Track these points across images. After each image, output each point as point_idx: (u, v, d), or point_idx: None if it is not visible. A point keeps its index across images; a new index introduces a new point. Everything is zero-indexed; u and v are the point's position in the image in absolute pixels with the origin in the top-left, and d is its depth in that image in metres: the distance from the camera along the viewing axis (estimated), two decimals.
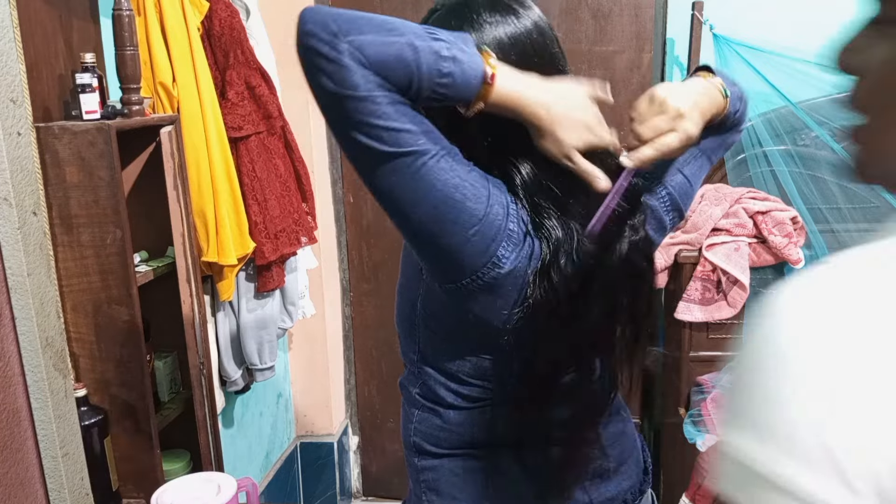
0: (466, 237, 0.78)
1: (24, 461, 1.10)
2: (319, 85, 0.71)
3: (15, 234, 1.04)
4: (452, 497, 0.95)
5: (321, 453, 2.70)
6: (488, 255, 0.79)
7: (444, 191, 0.75)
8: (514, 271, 0.81)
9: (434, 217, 0.76)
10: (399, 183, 0.75)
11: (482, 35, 0.82)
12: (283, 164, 1.92)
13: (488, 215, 0.78)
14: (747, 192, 2.30)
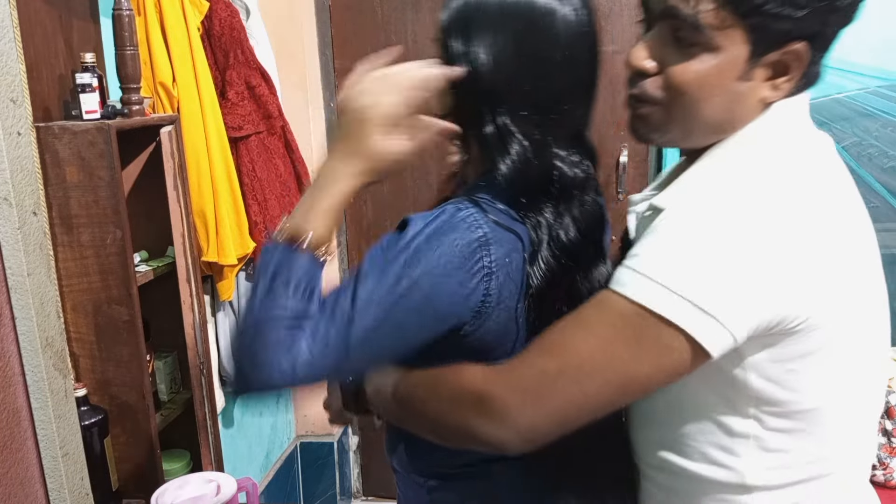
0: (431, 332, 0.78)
1: (24, 461, 1.10)
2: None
3: (15, 234, 1.04)
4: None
5: (321, 453, 2.70)
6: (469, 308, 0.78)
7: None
8: (501, 295, 0.80)
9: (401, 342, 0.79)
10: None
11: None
12: (283, 164, 1.92)
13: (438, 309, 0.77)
14: None
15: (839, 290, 0.71)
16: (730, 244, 0.68)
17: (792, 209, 0.69)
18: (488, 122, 0.81)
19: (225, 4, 1.74)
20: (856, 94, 2.29)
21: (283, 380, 0.73)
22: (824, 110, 2.30)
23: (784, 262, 0.68)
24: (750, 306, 0.68)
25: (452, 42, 0.80)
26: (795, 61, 0.74)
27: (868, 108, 2.27)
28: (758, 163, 0.74)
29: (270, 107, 1.85)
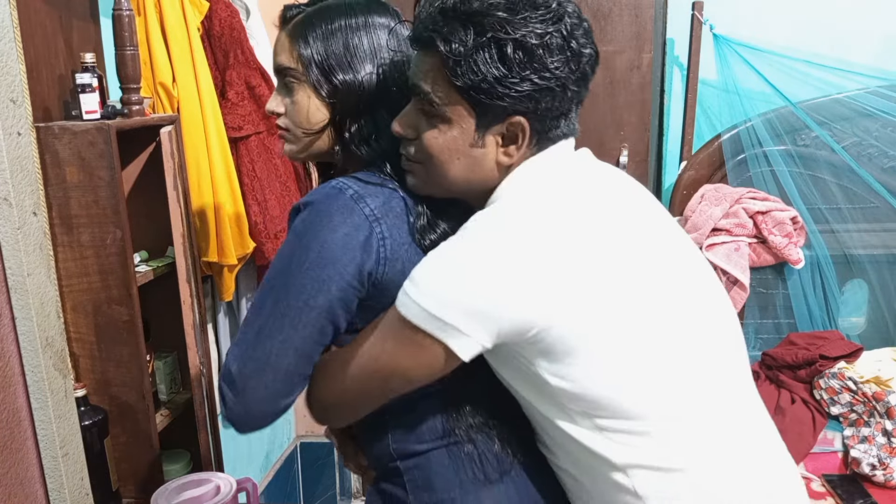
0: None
1: (24, 461, 1.10)
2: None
3: (15, 234, 1.04)
4: (446, 487, 0.97)
5: (321, 453, 2.70)
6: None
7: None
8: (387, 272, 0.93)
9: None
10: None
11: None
12: (283, 164, 1.92)
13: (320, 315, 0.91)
14: (747, 192, 2.30)
15: (580, 301, 0.83)
16: (472, 269, 0.83)
17: (524, 240, 0.84)
18: (352, 125, 0.98)
19: (225, 4, 1.74)
20: (856, 94, 2.29)
21: (232, 396, 0.91)
22: (824, 110, 2.30)
23: (516, 283, 0.82)
24: (488, 319, 0.82)
25: (329, 65, 0.97)
26: (520, 132, 0.87)
27: (868, 108, 2.27)
28: (505, 207, 0.89)
29: None
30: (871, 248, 2.34)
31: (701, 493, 0.88)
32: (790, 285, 2.35)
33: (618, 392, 0.85)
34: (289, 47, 0.99)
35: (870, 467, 1.87)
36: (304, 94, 0.98)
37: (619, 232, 0.88)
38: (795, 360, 2.12)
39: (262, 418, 0.91)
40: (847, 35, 2.33)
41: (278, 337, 0.89)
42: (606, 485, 0.89)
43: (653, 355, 0.86)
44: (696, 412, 0.88)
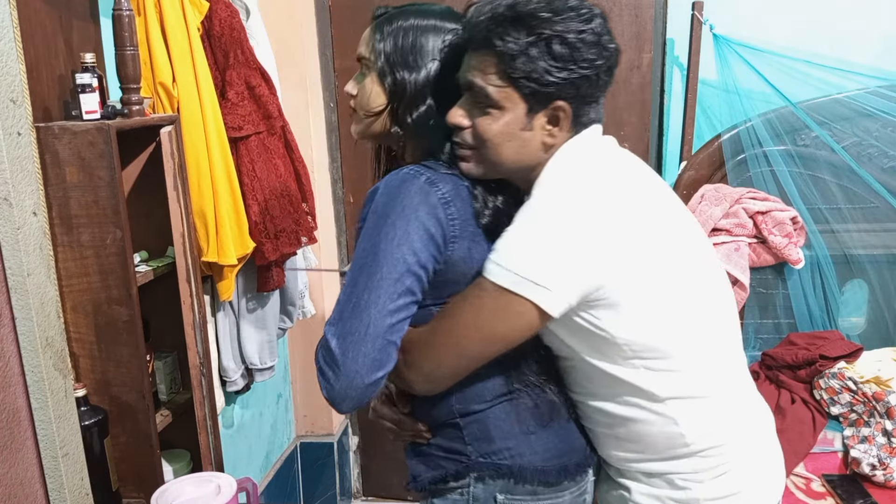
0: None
1: (24, 461, 1.10)
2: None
3: (15, 234, 1.04)
4: (504, 437, 1.11)
5: (321, 453, 2.70)
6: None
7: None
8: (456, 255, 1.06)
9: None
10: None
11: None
12: (283, 164, 1.92)
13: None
14: (747, 192, 2.30)
15: (633, 259, 1.00)
16: (550, 237, 0.99)
17: (588, 207, 1.01)
18: (415, 119, 1.11)
19: (225, 4, 1.74)
20: (856, 94, 2.29)
21: (334, 372, 0.99)
22: (824, 110, 2.30)
23: (588, 244, 0.98)
24: (571, 277, 0.98)
25: (396, 59, 1.10)
26: (563, 114, 1.04)
27: (868, 108, 2.27)
28: (563, 182, 1.05)
29: (270, 107, 1.85)
30: (871, 248, 2.34)
31: (719, 413, 1.10)
32: (790, 285, 2.35)
33: (661, 336, 1.04)
34: (368, 39, 1.13)
35: (870, 467, 1.87)
36: (371, 81, 1.12)
37: (654, 205, 1.07)
38: (795, 360, 2.12)
39: (362, 390, 0.98)
40: (847, 35, 2.33)
41: (374, 308, 0.98)
42: (648, 416, 1.08)
43: (683, 307, 1.06)
44: (713, 353, 1.11)
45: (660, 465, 1.11)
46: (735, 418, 1.13)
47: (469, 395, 1.12)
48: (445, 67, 1.09)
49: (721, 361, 1.13)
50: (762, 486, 1.16)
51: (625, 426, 1.11)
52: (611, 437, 1.14)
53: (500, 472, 1.11)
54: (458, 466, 1.13)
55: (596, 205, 1.01)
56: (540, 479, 1.11)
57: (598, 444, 1.18)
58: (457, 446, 1.14)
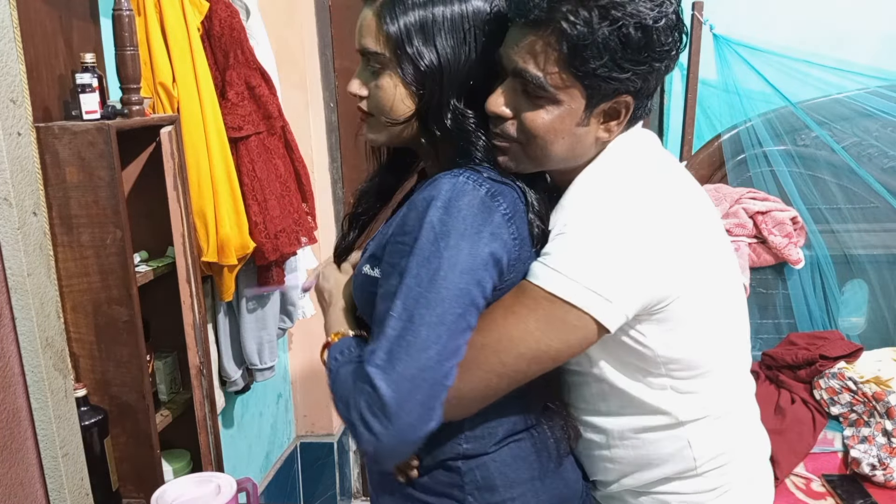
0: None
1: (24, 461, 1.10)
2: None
3: (15, 234, 1.04)
4: (509, 485, 0.98)
5: (321, 453, 2.70)
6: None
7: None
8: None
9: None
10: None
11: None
12: (283, 164, 1.92)
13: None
14: (747, 192, 2.30)
15: (694, 271, 0.92)
16: (614, 244, 0.88)
17: (653, 214, 0.90)
18: (451, 119, 0.93)
19: (225, 5, 1.74)
20: (856, 94, 2.29)
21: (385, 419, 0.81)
22: (824, 110, 2.30)
23: (655, 255, 0.88)
24: (635, 289, 0.88)
25: (415, 45, 0.90)
26: (624, 109, 0.91)
27: (868, 108, 2.27)
28: (620, 181, 0.94)
29: (270, 107, 1.85)
30: (871, 248, 2.34)
31: (731, 432, 1.03)
32: (790, 285, 2.35)
33: (701, 353, 0.97)
34: (375, 29, 0.91)
35: (870, 467, 1.87)
36: (391, 81, 0.93)
37: (704, 215, 0.98)
38: (795, 360, 2.12)
39: (413, 444, 0.83)
40: (847, 35, 2.33)
41: (434, 349, 0.82)
42: (660, 436, 1.00)
43: (723, 321, 0.99)
44: (738, 370, 1.05)
45: (660, 486, 1.04)
46: (742, 437, 1.07)
47: (482, 432, 0.98)
48: (484, 49, 0.92)
49: (741, 379, 1.07)
50: (758, 500, 1.12)
51: (630, 446, 1.02)
52: (608, 459, 1.05)
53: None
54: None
55: (658, 213, 0.90)
56: None
57: (591, 469, 1.09)
58: (453, 493, 0.99)
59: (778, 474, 1.90)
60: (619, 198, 0.91)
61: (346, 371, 0.89)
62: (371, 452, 0.83)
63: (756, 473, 1.10)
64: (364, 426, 0.81)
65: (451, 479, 0.99)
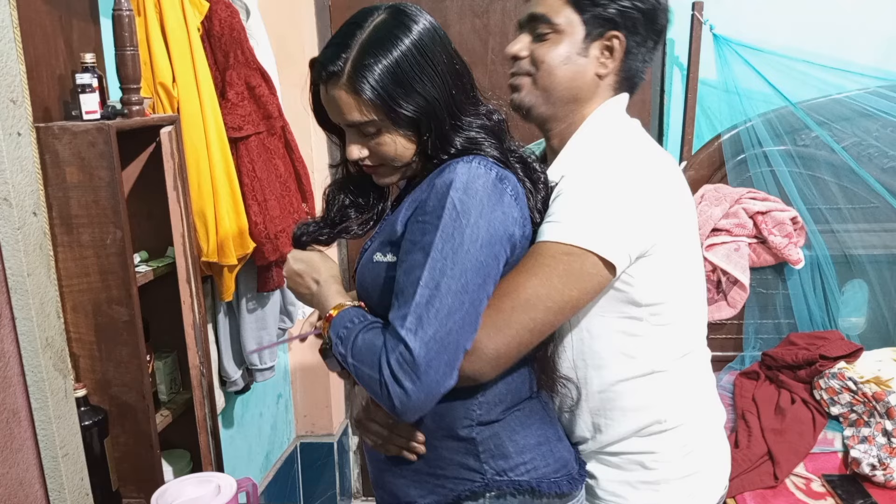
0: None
1: (24, 461, 1.10)
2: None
3: (15, 234, 1.04)
4: (520, 451, 1.06)
5: (321, 453, 2.70)
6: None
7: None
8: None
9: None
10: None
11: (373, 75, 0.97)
12: (283, 165, 1.92)
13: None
14: (747, 192, 2.30)
15: (673, 220, 1.08)
16: (611, 196, 1.02)
17: (639, 170, 1.06)
18: (454, 139, 1.02)
19: (225, 5, 1.74)
20: (856, 94, 2.29)
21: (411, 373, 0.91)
22: (824, 110, 2.30)
23: (644, 203, 1.03)
24: (633, 231, 1.02)
25: (399, 101, 0.97)
26: (618, 44, 1.11)
27: (868, 108, 2.27)
28: (608, 142, 1.11)
29: (270, 107, 1.85)
30: (871, 248, 2.34)
31: (695, 391, 1.18)
32: (790, 285, 2.35)
33: (676, 295, 1.11)
34: (356, 103, 0.98)
35: (870, 467, 1.87)
36: (389, 137, 1.01)
37: (676, 171, 1.13)
38: (795, 360, 2.12)
39: (436, 398, 0.93)
40: (847, 35, 2.33)
41: (459, 314, 0.93)
42: (632, 389, 1.12)
43: (691, 271, 1.14)
44: (699, 325, 1.20)
45: (632, 443, 1.13)
46: (702, 398, 1.20)
47: (492, 398, 1.05)
48: (449, 67, 1.01)
49: (701, 341, 1.21)
50: (718, 467, 1.22)
51: (605, 398, 1.13)
52: (586, 412, 1.14)
53: (520, 489, 1.05)
54: (473, 486, 1.05)
55: (643, 169, 1.06)
56: (556, 492, 1.07)
57: (570, 428, 1.17)
58: (470, 463, 1.05)
59: (778, 474, 1.90)
60: (610, 157, 1.07)
61: (369, 336, 0.97)
62: (398, 407, 0.92)
63: (713, 437, 1.22)
64: (396, 383, 0.91)
65: (468, 449, 1.06)
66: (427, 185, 1.00)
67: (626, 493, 1.15)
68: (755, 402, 2.10)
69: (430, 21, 1.02)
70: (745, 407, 2.10)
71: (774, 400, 2.08)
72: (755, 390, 2.14)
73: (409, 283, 0.94)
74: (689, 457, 1.15)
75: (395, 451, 1.08)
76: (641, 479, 1.14)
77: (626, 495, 1.15)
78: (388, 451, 1.09)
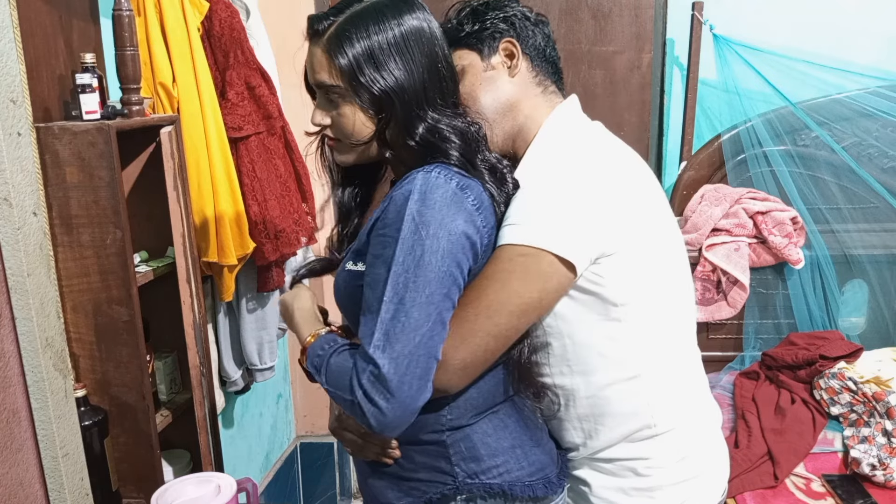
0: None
1: (24, 461, 1.10)
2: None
3: (15, 234, 1.04)
4: (492, 454, 1.06)
5: (321, 453, 2.70)
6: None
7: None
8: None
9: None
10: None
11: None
12: (283, 165, 1.92)
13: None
14: (747, 192, 2.30)
15: (637, 217, 1.07)
16: (565, 194, 1.02)
17: (594, 169, 1.06)
18: (418, 127, 1.01)
19: (225, 5, 1.74)
20: (856, 94, 2.29)
21: (385, 390, 0.91)
22: (824, 110, 2.30)
23: (601, 200, 1.03)
24: (590, 229, 1.02)
25: (365, 74, 0.98)
26: (514, 48, 1.14)
27: (868, 108, 2.27)
28: (559, 146, 1.11)
29: (270, 107, 1.85)
30: (871, 248, 2.34)
31: (687, 394, 1.17)
32: (790, 285, 2.35)
33: (651, 294, 1.09)
34: (327, 64, 1.00)
35: (870, 467, 1.87)
36: (349, 109, 1.02)
37: (643, 175, 1.13)
38: (795, 360, 2.12)
39: (413, 414, 0.93)
40: (847, 35, 2.33)
41: (425, 327, 0.92)
42: (620, 389, 1.10)
43: (667, 269, 1.13)
44: (686, 325, 1.19)
45: (624, 449, 1.12)
46: (694, 401, 1.19)
47: (464, 404, 1.05)
48: (430, 63, 1.02)
49: (690, 341, 1.20)
50: (715, 471, 1.21)
51: (593, 405, 1.12)
52: (575, 418, 1.14)
53: (491, 492, 1.05)
54: (444, 489, 1.06)
55: (598, 168, 1.06)
56: (529, 496, 1.06)
57: (559, 434, 1.16)
58: (441, 466, 1.06)
59: (778, 474, 1.90)
60: (563, 158, 1.08)
61: (339, 359, 0.97)
62: (376, 426, 0.92)
63: (709, 441, 1.20)
64: (369, 402, 0.90)
65: (438, 452, 1.06)
66: (389, 196, 1.00)
67: (619, 500, 1.14)
68: (755, 402, 2.10)
69: (428, 20, 1.03)
70: (745, 407, 2.10)
71: (774, 400, 2.08)
72: (755, 390, 2.14)
73: (374, 298, 0.94)
74: (683, 462, 1.14)
75: (372, 457, 1.09)
76: (634, 486, 1.13)
77: (619, 502, 1.14)
78: (366, 457, 1.10)
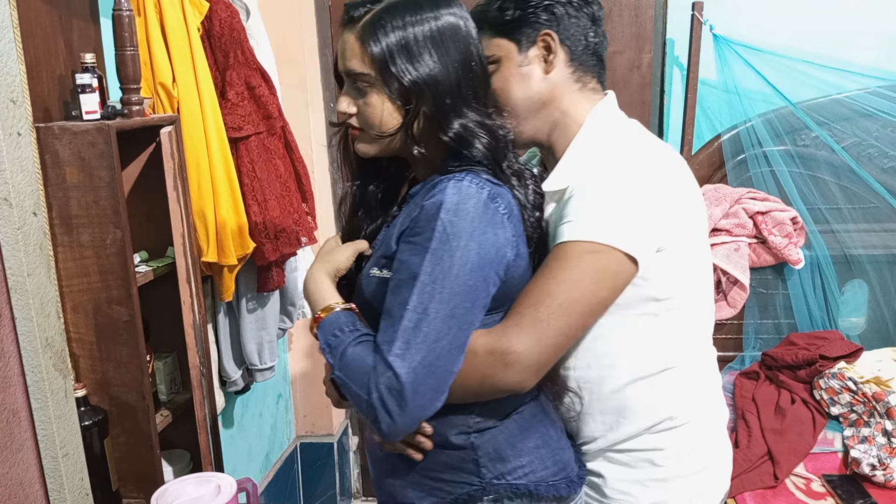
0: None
1: (24, 461, 1.10)
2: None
3: (15, 234, 1.04)
4: (518, 454, 1.06)
5: (321, 453, 2.70)
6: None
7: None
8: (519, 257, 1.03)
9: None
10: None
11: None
12: (283, 165, 1.92)
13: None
14: (747, 192, 2.30)
15: (686, 215, 1.10)
16: (630, 195, 1.03)
17: (651, 168, 1.07)
18: (453, 122, 1.00)
19: (225, 5, 1.74)
20: (856, 94, 2.29)
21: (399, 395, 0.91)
22: (824, 110, 2.30)
23: (662, 201, 1.05)
24: (652, 226, 1.03)
25: (398, 64, 0.98)
26: (552, 42, 1.12)
27: (868, 108, 2.27)
28: (612, 142, 1.11)
29: (270, 107, 1.85)
30: (871, 248, 2.34)
31: (704, 388, 1.19)
32: (790, 285, 2.35)
33: (689, 289, 1.11)
34: (359, 51, 1.00)
35: (870, 467, 1.87)
36: (378, 98, 1.01)
37: (688, 176, 1.14)
38: (795, 360, 2.12)
39: (422, 420, 0.96)
40: (847, 35, 2.33)
41: (446, 340, 0.92)
42: (643, 388, 1.12)
43: (703, 266, 1.15)
44: (707, 321, 1.20)
45: (645, 440, 1.14)
46: (708, 396, 1.21)
47: (491, 405, 1.05)
48: (464, 60, 1.01)
49: (708, 339, 1.21)
50: (722, 465, 1.23)
51: (616, 399, 1.12)
52: (598, 413, 1.14)
53: (518, 492, 1.05)
54: (471, 490, 1.05)
55: (652, 166, 1.07)
56: (553, 495, 1.07)
57: (581, 427, 1.16)
58: (468, 466, 1.06)
59: (778, 474, 1.90)
60: (618, 155, 1.07)
61: (359, 351, 0.96)
62: (384, 431, 0.93)
63: (717, 434, 1.22)
64: (383, 408, 0.91)
65: (466, 455, 1.05)
66: (420, 200, 0.99)
67: (634, 491, 1.15)
68: (755, 402, 2.10)
69: (465, 17, 1.03)
70: (745, 407, 2.10)
71: (774, 400, 2.08)
72: (755, 390, 2.14)
73: (397, 304, 0.93)
74: (695, 453, 1.16)
75: (403, 449, 1.07)
76: (650, 477, 1.14)
77: (635, 493, 1.15)
78: (396, 450, 1.08)
